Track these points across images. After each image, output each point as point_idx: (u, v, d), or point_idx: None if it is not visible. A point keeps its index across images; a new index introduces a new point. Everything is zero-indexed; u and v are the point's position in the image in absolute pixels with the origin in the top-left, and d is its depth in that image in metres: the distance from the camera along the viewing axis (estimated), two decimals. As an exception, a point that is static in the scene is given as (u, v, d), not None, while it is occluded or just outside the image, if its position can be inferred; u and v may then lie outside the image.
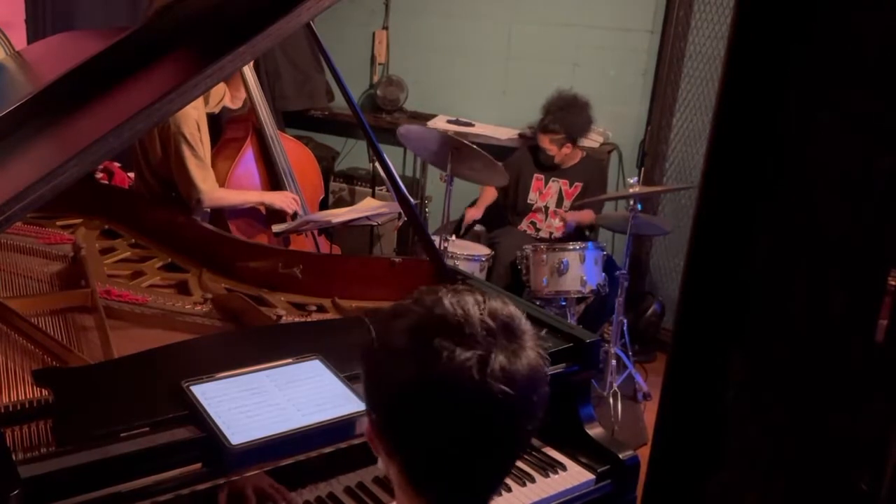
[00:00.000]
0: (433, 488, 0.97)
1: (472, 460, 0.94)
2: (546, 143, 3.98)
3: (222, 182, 3.11)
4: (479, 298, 0.96)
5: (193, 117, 2.84)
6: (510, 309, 0.97)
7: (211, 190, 2.95)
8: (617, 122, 4.37)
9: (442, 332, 0.91)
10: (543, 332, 1.03)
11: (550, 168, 4.07)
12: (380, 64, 5.07)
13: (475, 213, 4.19)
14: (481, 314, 0.93)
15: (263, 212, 3.21)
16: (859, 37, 1.24)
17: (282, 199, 3.20)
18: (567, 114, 3.93)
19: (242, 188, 3.20)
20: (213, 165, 3.07)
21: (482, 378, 0.89)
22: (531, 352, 0.95)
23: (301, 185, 3.38)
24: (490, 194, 4.23)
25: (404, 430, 0.95)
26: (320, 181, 3.65)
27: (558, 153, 3.99)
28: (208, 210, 3.07)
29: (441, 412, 0.91)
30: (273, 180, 3.32)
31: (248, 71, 3.18)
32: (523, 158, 4.16)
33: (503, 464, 0.99)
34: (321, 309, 2.13)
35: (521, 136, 4.49)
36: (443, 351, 0.90)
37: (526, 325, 0.97)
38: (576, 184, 4.07)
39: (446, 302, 0.94)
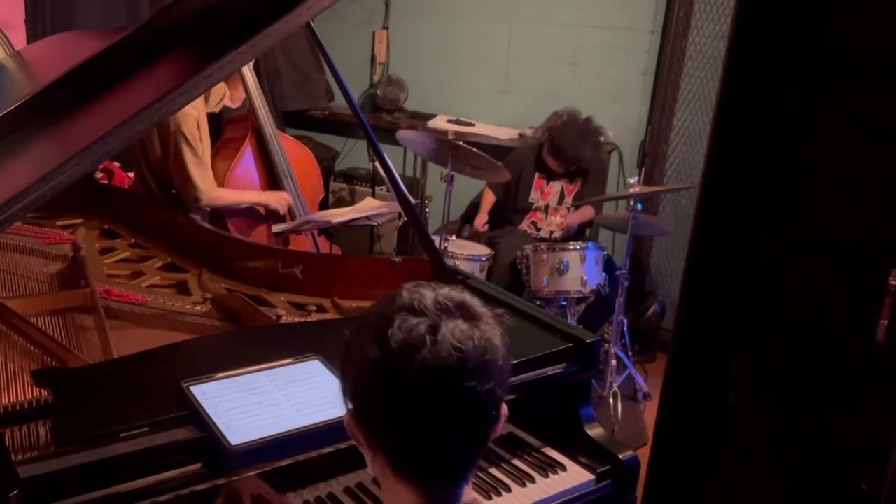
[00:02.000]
0: (409, 464, 1.01)
1: (439, 428, 0.98)
2: (553, 164, 3.99)
3: (221, 181, 3.11)
4: (435, 286, 1.03)
5: (193, 116, 2.84)
6: (464, 296, 1.03)
7: (209, 189, 2.95)
8: (617, 122, 4.37)
9: (398, 309, 0.99)
10: (502, 311, 1.07)
11: (553, 171, 4.07)
12: (380, 64, 5.07)
13: (481, 222, 4.19)
14: (436, 296, 1.00)
15: (262, 211, 3.21)
16: (859, 37, 1.24)
17: (276, 200, 3.21)
18: (580, 147, 3.86)
19: (242, 188, 3.20)
20: (213, 165, 3.07)
21: (433, 341, 0.95)
22: (485, 325, 1.00)
23: (301, 185, 3.38)
24: (490, 199, 4.24)
25: (373, 408, 1.00)
26: (320, 181, 3.65)
27: (563, 171, 4.01)
28: (207, 209, 3.07)
29: (400, 381, 0.96)
30: (272, 180, 3.32)
31: (248, 71, 3.18)
32: (525, 158, 4.15)
33: (472, 431, 1.01)
34: (321, 309, 2.13)
35: (521, 135, 4.49)
36: (395, 319, 0.97)
37: (481, 308, 1.03)
38: (576, 180, 4.07)
39: (404, 292, 1.02)
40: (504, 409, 1.04)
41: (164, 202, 3.01)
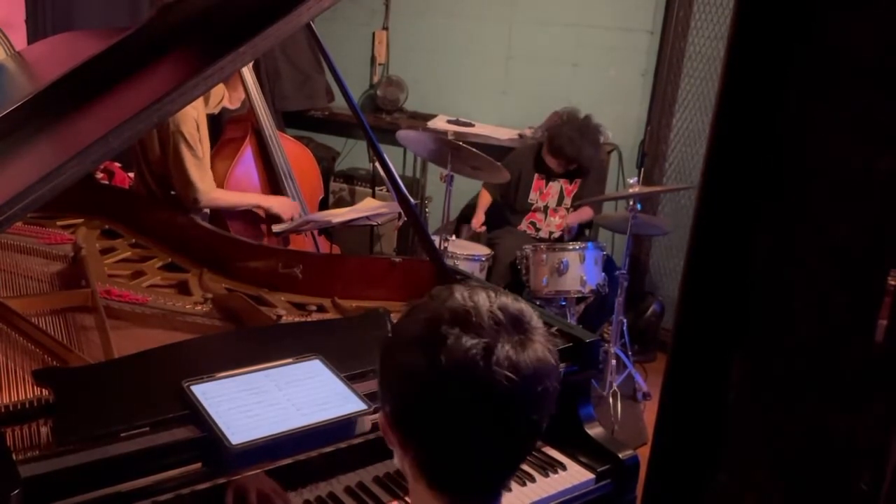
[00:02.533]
0: (444, 478, 0.99)
1: (480, 449, 0.95)
2: (553, 164, 3.98)
3: (221, 182, 3.11)
4: (492, 294, 0.99)
5: (192, 116, 2.84)
6: (520, 305, 0.99)
7: (208, 190, 2.95)
8: (617, 122, 4.37)
9: (450, 321, 0.94)
10: (553, 330, 1.04)
11: (552, 171, 4.07)
12: (380, 64, 5.07)
13: (478, 222, 4.19)
14: (490, 306, 0.96)
15: (262, 214, 3.21)
16: (859, 37, 1.24)
17: (280, 205, 3.18)
18: (580, 146, 3.87)
19: (241, 188, 3.20)
20: (212, 165, 3.06)
21: (487, 365, 0.91)
22: (539, 345, 0.96)
23: (301, 186, 3.38)
24: (486, 199, 4.24)
25: (414, 419, 0.97)
26: (320, 181, 3.65)
27: (563, 170, 4.01)
28: (207, 210, 3.07)
29: (448, 400, 0.93)
30: (272, 181, 3.32)
31: (247, 72, 3.18)
32: (525, 158, 4.15)
33: (512, 454, 1.00)
34: (321, 309, 2.13)
35: (521, 136, 4.49)
36: (448, 337, 0.92)
37: (536, 321, 0.99)
38: (575, 180, 4.07)
39: (458, 295, 0.98)
40: None
41: (165, 202, 3.01)
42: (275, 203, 3.18)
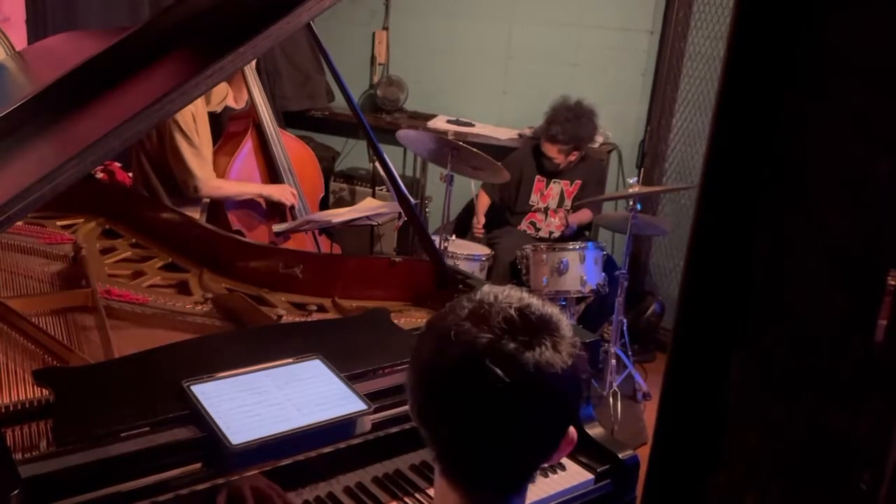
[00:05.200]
0: (454, 471, 0.99)
1: (482, 445, 0.95)
2: (553, 152, 3.97)
3: (222, 176, 3.14)
4: (523, 296, 0.98)
5: (189, 107, 2.86)
6: (549, 310, 0.98)
7: (208, 178, 2.96)
8: (617, 122, 4.37)
9: (464, 315, 0.95)
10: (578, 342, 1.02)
11: (553, 171, 4.07)
12: (380, 64, 5.07)
13: (479, 225, 4.19)
14: (509, 306, 0.96)
15: (263, 204, 3.22)
16: (859, 37, 1.24)
17: (280, 192, 3.21)
18: (576, 125, 3.90)
19: (241, 182, 3.23)
20: (214, 161, 3.09)
21: (484, 361, 0.91)
22: (550, 351, 0.94)
23: (302, 183, 3.39)
24: (485, 202, 4.24)
25: (427, 410, 0.98)
26: (321, 179, 3.67)
27: (564, 161, 4.00)
28: (206, 201, 3.09)
29: (450, 392, 0.94)
30: (272, 175, 3.34)
31: (248, 69, 3.19)
32: (525, 159, 4.16)
33: (519, 455, 0.99)
34: (321, 309, 2.13)
35: (520, 136, 4.49)
36: (451, 329, 0.94)
37: (563, 328, 0.98)
38: (576, 182, 4.07)
39: (486, 290, 0.99)
40: (572, 432, 1.01)
41: (161, 193, 3.03)
42: (274, 191, 3.21)
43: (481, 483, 0.99)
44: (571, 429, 1.01)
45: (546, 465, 1.02)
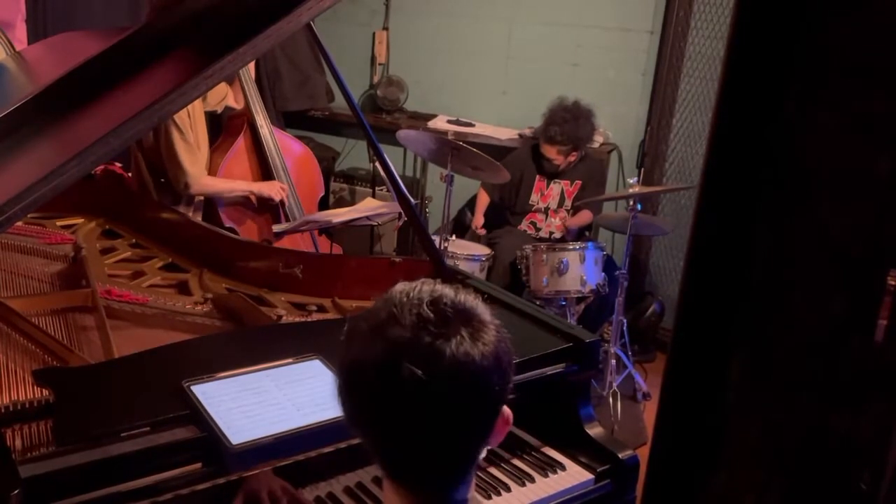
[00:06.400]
0: (389, 467, 1.00)
1: (406, 441, 0.95)
2: (552, 153, 3.97)
3: (214, 174, 3.15)
4: (435, 289, 0.97)
5: None
6: (461, 298, 0.97)
7: (199, 175, 2.96)
8: (617, 122, 4.37)
9: (381, 317, 0.94)
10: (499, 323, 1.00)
11: (553, 172, 4.07)
12: (380, 64, 5.07)
13: (479, 223, 4.20)
14: (420, 301, 0.94)
15: (254, 201, 3.23)
16: (859, 37, 1.24)
17: (269, 188, 3.22)
18: (574, 126, 3.90)
19: (231, 179, 3.24)
20: (210, 160, 3.10)
21: (399, 360, 0.90)
22: (466, 342, 0.92)
23: (301, 183, 3.40)
24: (484, 200, 4.24)
25: (356, 415, 0.99)
26: (320, 178, 3.67)
27: (564, 161, 4.00)
28: (200, 198, 3.09)
29: (373, 395, 0.94)
30: (264, 173, 3.35)
31: (243, 69, 3.20)
32: (525, 159, 4.15)
33: (446, 449, 0.97)
34: (321, 309, 2.13)
35: (521, 136, 4.49)
36: (368, 332, 0.94)
37: (480, 315, 0.96)
38: (576, 182, 4.07)
39: (398, 286, 0.98)
40: (506, 412, 1.00)
41: (154, 190, 3.03)
42: (263, 187, 3.22)
43: (422, 480, 0.99)
44: (505, 408, 0.99)
45: (487, 447, 1.01)
